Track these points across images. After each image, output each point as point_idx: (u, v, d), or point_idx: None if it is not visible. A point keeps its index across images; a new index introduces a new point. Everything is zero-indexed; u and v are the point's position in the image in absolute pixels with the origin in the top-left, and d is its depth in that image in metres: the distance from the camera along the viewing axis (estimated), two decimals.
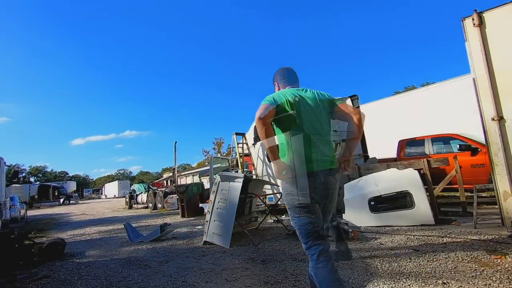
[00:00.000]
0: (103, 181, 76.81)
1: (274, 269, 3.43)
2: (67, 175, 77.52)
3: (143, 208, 16.88)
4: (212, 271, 3.57)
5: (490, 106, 3.96)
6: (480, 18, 4.07)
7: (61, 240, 5.45)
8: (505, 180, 3.85)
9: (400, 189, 5.13)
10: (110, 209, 19.03)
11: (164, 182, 41.50)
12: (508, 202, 3.85)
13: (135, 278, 3.56)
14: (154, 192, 15.54)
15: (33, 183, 48.15)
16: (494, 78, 3.96)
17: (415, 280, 2.71)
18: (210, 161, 10.46)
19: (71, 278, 3.81)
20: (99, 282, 3.54)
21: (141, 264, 4.20)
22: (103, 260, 4.68)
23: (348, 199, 5.74)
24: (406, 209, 5.04)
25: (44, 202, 33.73)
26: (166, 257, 4.55)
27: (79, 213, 17.30)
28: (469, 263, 3.01)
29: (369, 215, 5.36)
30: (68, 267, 4.40)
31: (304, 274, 3.16)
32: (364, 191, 5.52)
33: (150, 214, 12.97)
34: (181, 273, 3.60)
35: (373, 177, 5.66)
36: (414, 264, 3.14)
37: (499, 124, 3.89)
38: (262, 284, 2.98)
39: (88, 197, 55.46)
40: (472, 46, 4.15)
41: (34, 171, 72.66)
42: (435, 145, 7.73)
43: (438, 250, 3.54)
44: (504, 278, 2.56)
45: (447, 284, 2.55)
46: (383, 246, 4.01)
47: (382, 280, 2.79)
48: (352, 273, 3.04)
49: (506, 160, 3.82)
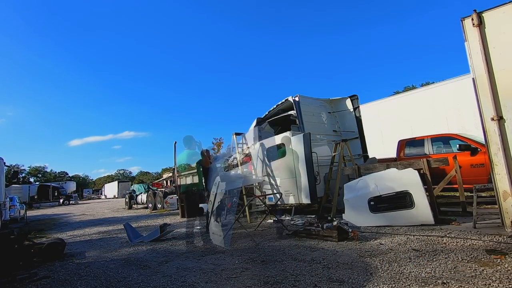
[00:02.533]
0: (103, 182, 76.75)
1: (274, 269, 3.43)
2: (67, 176, 77.42)
3: (143, 208, 16.87)
4: (212, 271, 3.56)
5: (490, 106, 3.96)
6: (479, 18, 4.07)
7: (61, 240, 5.44)
8: (504, 180, 3.85)
9: (400, 189, 5.12)
10: (110, 209, 19.02)
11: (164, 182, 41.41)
12: (508, 202, 3.85)
13: (135, 279, 3.56)
14: (154, 192, 15.52)
15: (33, 184, 48.11)
16: (494, 78, 3.97)
17: (415, 280, 2.71)
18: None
19: (71, 278, 3.81)
20: (99, 283, 3.54)
21: (141, 265, 4.20)
22: (102, 261, 4.68)
23: (348, 199, 5.74)
24: (406, 209, 5.04)
25: (44, 202, 33.74)
26: (166, 257, 4.54)
27: (79, 214, 17.29)
28: (469, 263, 3.01)
29: (369, 215, 5.36)
30: (68, 267, 4.39)
31: (304, 274, 3.16)
32: (364, 191, 5.52)
33: (150, 215, 12.97)
34: (181, 273, 3.59)
35: (373, 177, 5.66)
36: (414, 264, 3.14)
37: (499, 124, 3.89)
38: (262, 284, 2.98)
39: (88, 198, 55.40)
40: (471, 46, 4.15)
41: (33, 171, 72.52)
42: (435, 145, 7.73)
43: (438, 250, 3.54)
44: (504, 278, 2.56)
45: (447, 284, 2.55)
46: (383, 246, 4.01)
47: (382, 280, 2.79)
48: (352, 273, 3.04)
49: (505, 160, 3.83)
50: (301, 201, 7.48)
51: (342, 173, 6.89)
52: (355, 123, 8.99)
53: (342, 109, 9.31)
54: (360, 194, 5.56)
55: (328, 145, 8.71)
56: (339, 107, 9.40)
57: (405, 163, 5.86)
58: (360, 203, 5.49)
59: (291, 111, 8.61)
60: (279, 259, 3.86)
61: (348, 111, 9.17)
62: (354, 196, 5.65)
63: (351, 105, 9.11)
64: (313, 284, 2.85)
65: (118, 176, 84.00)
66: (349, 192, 5.83)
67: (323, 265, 3.41)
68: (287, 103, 8.70)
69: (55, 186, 37.31)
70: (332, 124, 9.31)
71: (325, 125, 9.16)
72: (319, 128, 8.86)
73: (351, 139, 8.76)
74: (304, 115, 8.33)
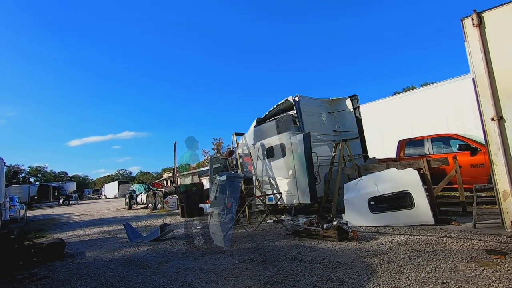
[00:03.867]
0: (103, 182, 76.77)
1: (274, 269, 3.43)
2: (67, 176, 77.42)
3: (143, 208, 16.87)
4: (212, 271, 3.56)
5: (490, 106, 3.96)
6: (479, 18, 4.07)
7: (61, 240, 5.44)
8: (504, 180, 3.85)
9: (400, 189, 5.12)
10: (110, 209, 19.02)
11: (164, 182, 41.44)
12: (508, 202, 3.85)
13: (134, 279, 3.56)
14: (154, 192, 15.52)
15: (33, 184, 48.09)
16: (494, 78, 3.96)
17: (415, 280, 2.71)
18: (210, 161, 10.45)
19: (71, 278, 3.81)
20: (99, 283, 3.54)
21: (141, 265, 4.20)
22: (102, 261, 4.68)
23: (348, 199, 5.74)
24: (406, 209, 5.04)
25: (44, 202, 33.74)
26: (166, 257, 4.54)
27: (79, 214, 17.29)
28: (469, 263, 3.01)
29: (369, 215, 5.36)
30: (68, 267, 4.39)
31: (304, 274, 3.16)
32: (364, 191, 5.52)
33: (150, 215, 12.97)
34: (181, 273, 3.59)
35: (373, 177, 5.66)
36: (414, 264, 3.14)
37: (499, 124, 3.89)
38: (262, 284, 2.98)
39: (88, 198, 55.44)
40: (471, 46, 4.15)
41: (33, 171, 72.50)
42: (435, 145, 7.72)
43: (438, 250, 3.54)
44: (504, 278, 2.56)
45: (447, 284, 2.55)
46: (383, 246, 4.01)
47: (382, 280, 2.79)
48: (352, 273, 3.04)
49: (505, 160, 3.83)
50: (301, 201, 7.48)
51: (342, 173, 6.89)
52: (355, 123, 9.00)
53: (342, 109, 9.32)
54: (360, 194, 5.56)
55: (328, 145, 8.71)
56: (339, 107, 9.40)
57: (405, 163, 5.86)
58: (360, 203, 5.49)
59: (291, 111, 8.61)
60: (279, 259, 3.86)
61: (348, 111, 9.17)
62: (354, 196, 5.65)
63: (351, 105, 9.11)
64: (313, 284, 2.85)
65: (118, 176, 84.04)
66: (349, 192, 5.83)
67: (323, 265, 3.41)
68: (287, 103, 8.70)
69: (55, 186, 37.29)
70: (332, 124, 9.31)
71: (325, 125, 9.16)
72: (319, 128, 8.87)
73: (351, 139, 8.76)
74: (304, 115, 8.33)
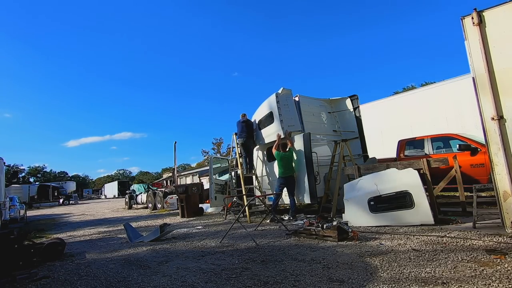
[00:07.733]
0: (103, 182, 76.75)
1: (274, 269, 3.42)
2: (67, 176, 77.45)
3: (143, 208, 16.87)
4: (212, 271, 3.56)
5: (490, 106, 3.95)
6: (479, 17, 4.06)
7: (61, 240, 5.43)
8: (505, 180, 3.84)
9: (400, 189, 5.12)
10: (110, 209, 19.02)
11: (163, 182, 41.45)
12: (508, 202, 3.85)
13: (134, 279, 3.55)
14: (154, 192, 15.51)
15: (33, 183, 48.13)
16: (494, 77, 3.95)
17: (415, 280, 2.71)
18: (210, 161, 10.45)
19: (71, 278, 3.81)
20: (99, 283, 3.53)
21: (141, 265, 4.19)
22: (102, 261, 4.67)
23: (348, 199, 5.74)
24: (406, 209, 5.03)
25: (44, 202, 33.74)
26: (166, 257, 4.54)
27: (79, 214, 17.29)
28: (469, 263, 3.01)
29: (369, 215, 5.36)
30: (68, 267, 4.39)
31: (304, 274, 3.16)
32: (364, 191, 5.52)
33: (150, 215, 12.96)
34: (181, 273, 3.59)
35: (373, 177, 5.66)
36: (414, 264, 3.13)
37: (499, 124, 3.88)
38: (262, 284, 2.98)
39: (88, 198, 55.43)
40: (471, 45, 4.14)
41: (33, 171, 72.53)
42: (435, 145, 7.73)
43: (438, 250, 3.53)
44: (504, 278, 2.56)
45: (447, 284, 2.54)
46: (383, 246, 4.00)
47: (382, 280, 2.78)
48: (352, 273, 3.03)
49: (506, 160, 3.82)
50: (301, 201, 7.48)
51: (342, 173, 6.89)
52: (355, 123, 8.99)
53: (342, 109, 9.32)
54: (360, 194, 5.55)
55: (328, 145, 8.71)
56: (339, 107, 9.40)
57: (405, 163, 5.86)
58: (360, 203, 5.49)
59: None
60: (279, 259, 3.85)
61: (348, 111, 9.17)
62: (354, 196, 5.65)
63: (351, 105, 9.10)
64: (313, 284, 2.85)
65: (118, 176, 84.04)
66: (349, 192, 5.83)
67: (323, 265, 3.41)
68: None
69: (55, 186, 37.29)
70: (332, 124, 9.31)
71: (325, 125, 9.16)
72: (319, 128, 8.87)
73: (351, 139, 8.75)
74: (304, 115, 8.33)
